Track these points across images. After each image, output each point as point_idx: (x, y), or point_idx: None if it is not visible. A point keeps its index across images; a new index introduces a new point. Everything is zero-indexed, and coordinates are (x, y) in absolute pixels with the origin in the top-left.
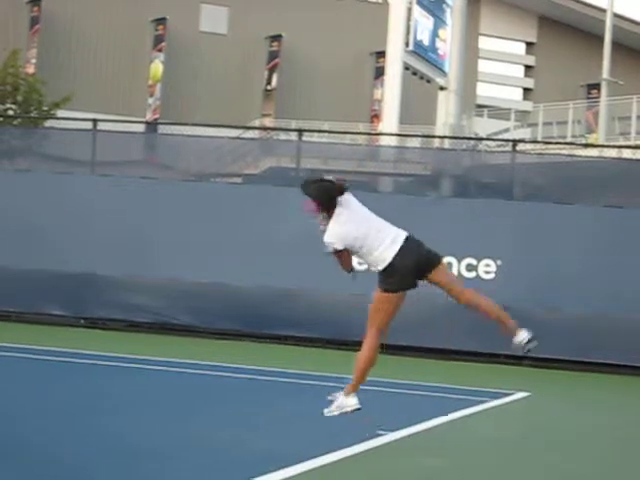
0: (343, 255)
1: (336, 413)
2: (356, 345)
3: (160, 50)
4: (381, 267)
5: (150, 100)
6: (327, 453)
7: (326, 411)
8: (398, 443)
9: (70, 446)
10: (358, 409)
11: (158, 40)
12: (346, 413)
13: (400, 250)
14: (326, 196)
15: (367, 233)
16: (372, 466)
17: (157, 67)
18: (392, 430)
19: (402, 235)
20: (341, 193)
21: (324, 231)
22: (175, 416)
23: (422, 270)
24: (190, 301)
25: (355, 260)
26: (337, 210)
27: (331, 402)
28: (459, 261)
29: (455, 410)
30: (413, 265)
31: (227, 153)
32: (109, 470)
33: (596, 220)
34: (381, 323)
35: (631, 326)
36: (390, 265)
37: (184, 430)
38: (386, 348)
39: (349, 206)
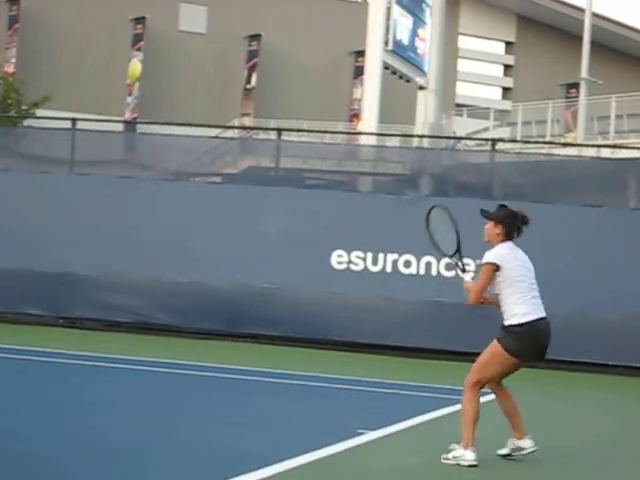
0: (490, 273)
1: (451, 462)
2: (335, 344)
3: (139, 49)
4: (515, 321)
5: (129, 99)
6: (306, 452)
7: (443, 456)
8: (378, 442)
9: (49, 446)
10: (474, 466)
11: (137, 39)
12: (459, 465)
13: (540, 321)
14: (511, 221)
15: (527, 274)
16: (351, 465)
17: (136, 66)
18: (372, 429)
19: (543, 311)
20: (525, 223)
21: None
22: (154, 416)
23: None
24: (169, 300)
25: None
26: (510, 244)
27: (450, 450)
28: (438, 260)
29: (435, 409)
30: (542, 344)
31: (206, 152)
32: (89, 470)
33: (575, 219)
34: (485, 379)
35: (611, 326)
36: (524, 326)
37: (163, 430)
38: (367, 347)
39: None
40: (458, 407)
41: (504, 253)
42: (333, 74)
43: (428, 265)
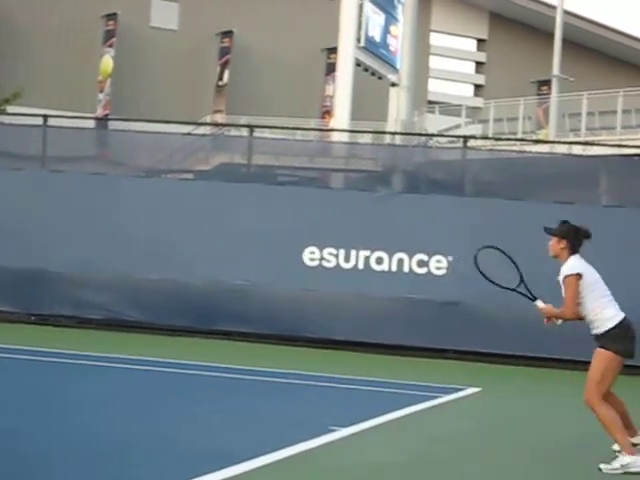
0: (577, 284)
1: (619, 472)
2: (308, 341)
3: (111, 45)
4: (610, 324)
5: (100, 96)
6: (278, 449)
7: (606, 467)
8: (350, 439)
9: (17, 443)
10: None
11: (109, 35)
12: (629, 471)
13: (625, 319)
14: (573, 235)
15: (600, 279)
16: (323, 461)
17: (107, 62)
18: (344, 426)
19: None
20: (587, 237)
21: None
22: (124, 413)
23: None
24: (141, 297)
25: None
26: (578, 255)
27: (614, 459)
28: (410, 257)
29: (407, 406)
30: (635, 339)
31: (178, 149)
32: (69, 468)
33: (547, 216)
34: (606, 388)
35: (576, 323)
36: (619, 326)
37: (133, 427)
38: (339, 344)
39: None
40: (430, 403)
41: (579, 263)
42: (305, 71)
43: (400, 262)
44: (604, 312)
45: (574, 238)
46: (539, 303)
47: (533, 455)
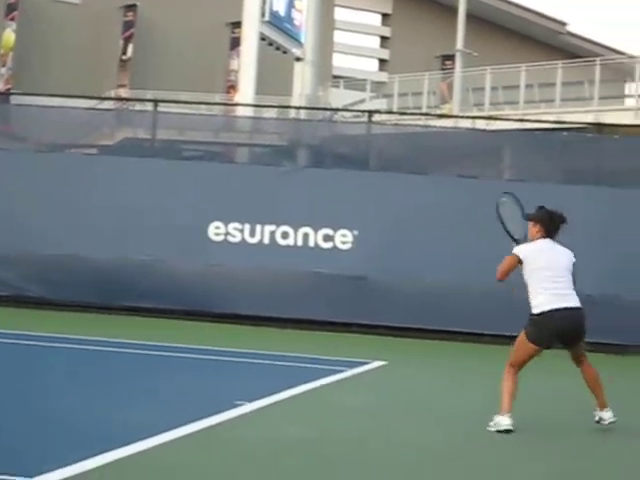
0: (512, 262)
1: (493, 429)
2: (214, 316)
3: (12, 19)
4: (535, 310)
5: (2, 70)
6: (183, 425)
7: (491, 424)
8: (257, 413)
9: None
10: (509, 430)
11: (10, 9)
12: (498, 430)
13: (557, 311)
14: (547, 219)
15: (548, 268)
16: (229, 436)
17: (9, 36)
18: (250, 400)
19: (570, 301)
20: (563, 221)
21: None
22: (27, 390)
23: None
24: (46, 273)
25: None
26: (548, 240)
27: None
28: (316, 232)
29: (313, 380)
30: (559, 331)
31: (82, 124)
32: None
33: (451, 190)
34: (515, 362)
35: (483, 296)
36: (541, 315)
37: (37, 404)
38: (245, 319)
39: (557, 247)
40: (336, 377)
41: (529, 248)
42: (210, 45)
43: (306, 236)
44: (536, 298)
45: (548, 223)
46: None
47: (437, 425)
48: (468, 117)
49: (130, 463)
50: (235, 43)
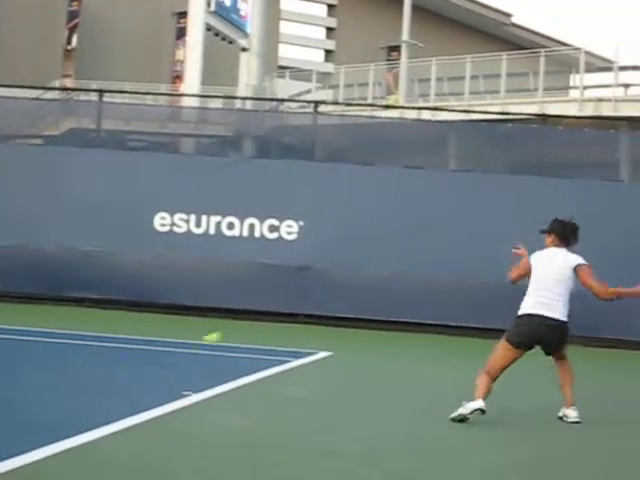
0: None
1: (464, 412)
2: (159, 307)
3: None
4: (519, 312)
5: None
6: (128, 416)
7: (454, 413)
8: (203, 404)
9: None
10: (480, 409)
11: None
12: (472, 411)
13: (533, 317)
14: (559, 230)
15: (536, 277)
16: (175, 427)
17: None
18: (196, 391)
19: (548, 311)
20: (575, 229)
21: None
22: None
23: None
24: None
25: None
26: (558, 250)
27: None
28: (261, 222)
29: (259, 370)
30: (534, 335)
31: (26, 114)
32: None
33: (396, 181)
34: (492, 368)
35: (428, 286)
36: (521, 317)
37: None
38: (190, 310)
39: (558, 257)
40: (282, 368)
41: (537, 254)
42: (155, 35)
43: (251, 227)
44: (524, 299)
45: (561, 232)
46: None
47: (383, 416)
48: (414, 108)
49: (77, 453)
50: (181, 33)
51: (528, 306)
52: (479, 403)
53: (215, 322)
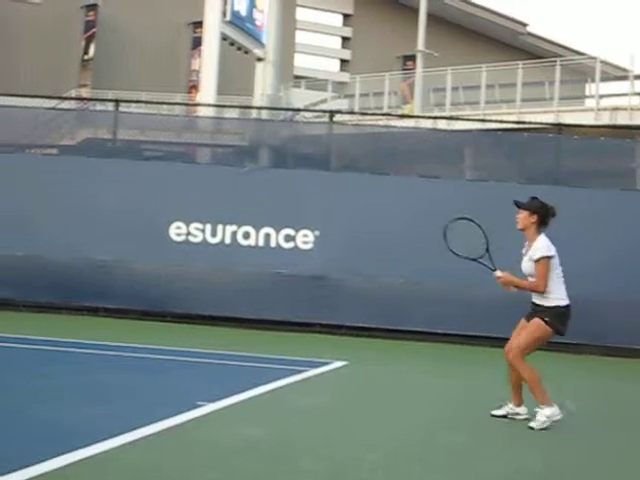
0: (547, 265)
1: (547, 423)
2: (175, 317)
3: None
4: (562, 303)
5: None
6: (144, 425)
7: (535, 425)
8: (218, 413)
9: None
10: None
11: None
12: (554, 421)
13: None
14: (544, 212)
15: (559, 262)
16: (192, 437)
17: None
18: (211, 401)
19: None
20: (554, 215)
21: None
22: None
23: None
24: (5, 274)
25: None
26: (536, 232)
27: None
28: (277, 232)
29: (274, 380)
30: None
31: (43, 124)
32: None
33: (412, 190)
34: (528, 350)
35: (442, 295)
36: (567, 307)
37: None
38: (206, 319)
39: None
40: (297, 377)
41: (551, 245)
42: (171, 45)
43: (267, 236)
44: (559, 290)
45: (545, 214)
46: (497, 273)
47: (399, 425)
48: (429, 117)
49: (93, 463)
50: (197, 43)
51: (565, 296)
52: (557, 411)
53: (231, 332)
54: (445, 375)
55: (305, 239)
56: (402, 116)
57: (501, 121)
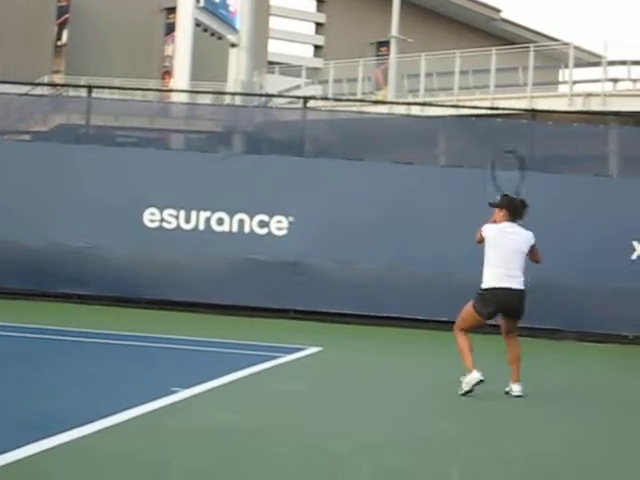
0: (479, 237)
1: (467, 388)
2: (149, 303)
3: None
4: (482, 285)
5: None
6: (119, 412)
7: (463, 385)
8: (193, 399)
9: None
10: (480, 381)
11: None
12: (473, 386)
13: (500, 290)
14: (511, 206)
15: (502, 250)
16: (166, 423)
17: None
18: (187, 387)
19: (513, 283)
20: (524, 207)
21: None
22: None
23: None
24: None
25: None
26: (512, 224)
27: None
28: (251, 218)
29: (249, 366)
30: (499, 306)
31: (15, 110)
32: None
33: (386, 176)
34: (463, 326)
35: (417, 281)
36: (487, 290)
37: None
38: (180, 305)
39: (517, 231)
40: (272, 363)
41: (492, 228)
42: (145, 31)
43: (241, 222)
44: (485, 275)
45: (512, 208)
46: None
47: (372, 411)
48: (403, 103)
49: (68, 450)
50: (170, 29)
51: (493, 279)
52: (476, 376)
53: (205, 318)
54: (421, 361)
55: (279, 225)
56: (376, 102)
57: (475, 107)
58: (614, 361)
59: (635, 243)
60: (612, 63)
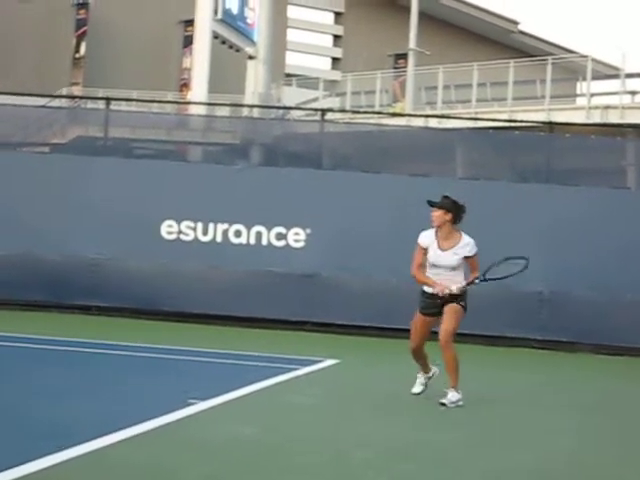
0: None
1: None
2: (166, 315)
3: None
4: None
5: None
6: (137, 424)
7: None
8: (210, 411)
9: None
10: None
11: None
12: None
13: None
14: (456, 210)
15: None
16: (183, 435)
17: None
18: (204, 399)
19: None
20: (464, 212)
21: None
22: None
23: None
24: None
25: None
26: (452, 228)
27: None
28: (269, 230)
29: (266, 378)
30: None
31: (34, 122)
32: None
33: (403, 188)
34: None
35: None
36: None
37: None
38: (197, 317)
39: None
40: (289, 376)
41: (429, 236)
42: (163, 43)
43: (258, 235)
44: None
45: (457, 212)
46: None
47: (390, 423)
48: (421, 116)
49: (86, 460)
50: (188, 41)
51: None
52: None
53: (222, 330)
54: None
55: (296, 237)
56: (394, 114)
57: (493, 119)
58: (630, 374)
59: None
60: (630, 75)
